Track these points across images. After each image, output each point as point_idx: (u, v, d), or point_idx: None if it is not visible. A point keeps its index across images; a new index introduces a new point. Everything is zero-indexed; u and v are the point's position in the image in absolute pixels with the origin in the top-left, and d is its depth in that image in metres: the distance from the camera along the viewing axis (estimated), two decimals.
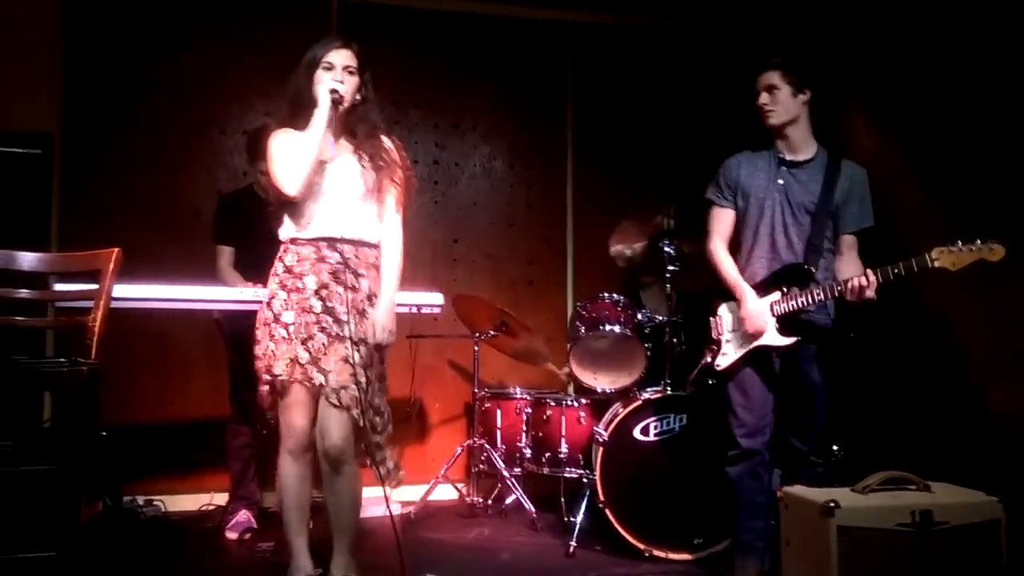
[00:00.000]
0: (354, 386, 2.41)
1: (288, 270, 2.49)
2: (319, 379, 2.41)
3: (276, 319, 2.46)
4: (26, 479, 2.26)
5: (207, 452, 3.84)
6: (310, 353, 2.41)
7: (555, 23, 4.66)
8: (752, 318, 2.78)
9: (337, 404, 2.40)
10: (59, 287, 2.86)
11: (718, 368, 2.88)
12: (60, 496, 2.28)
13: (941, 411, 3.44)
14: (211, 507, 3.85)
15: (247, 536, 3.45)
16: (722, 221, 2.95)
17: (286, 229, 2.54)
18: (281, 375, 2.42)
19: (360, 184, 2.53)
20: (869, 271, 2.57)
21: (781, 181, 2.82)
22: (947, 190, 3.34)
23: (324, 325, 2.43)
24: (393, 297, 2.57)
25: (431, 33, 4.49)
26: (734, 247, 2.94)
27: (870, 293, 2.56)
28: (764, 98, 2.82)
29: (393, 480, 2.61)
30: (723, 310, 2.92)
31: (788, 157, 2.84)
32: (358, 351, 2.44)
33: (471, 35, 4.54)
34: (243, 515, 3.49)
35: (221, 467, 3.68)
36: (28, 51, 3.97)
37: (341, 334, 2.43)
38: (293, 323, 2.44)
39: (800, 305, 2.72)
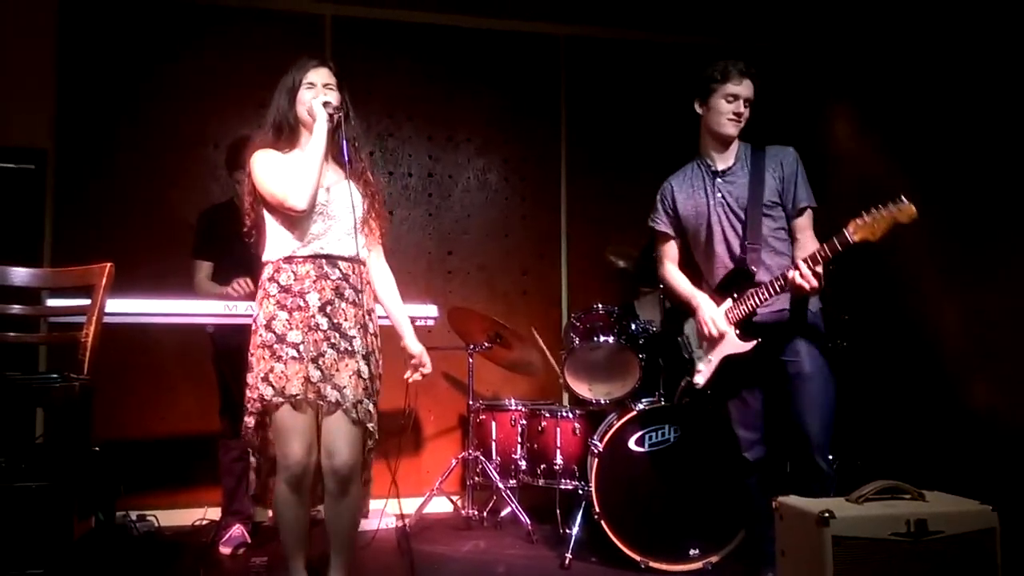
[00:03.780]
0: (367, 400, 2.43)
1: (285, 289, 2.44)
2: (333, 396, 2.38)
3: (281, 339, 2.39)
4: (18, 495, 2.25)
5: (200, 467, 3.82)
6: (321, 371, 2.39)
7: (548, 36, 4.70)
8: (707, 324, 2.77)
9: (356, 419, 2.40)
10: (52, 302, 2.86)
11: (697, 386, 2.86)
12: (52, 512, 2.27)
13: (935, 420, 3.45)
14: (205, 522, 3.83)
15: (241, 551, 3.42)
16: (670, 247, 2.99)
17: (278, 248, 2.49)
18: (297, 394, 2.38)
19: (359, 208, 2.53)
20: (800, 261, 2.56)
21: (719, 194, 2.82)
22: (933, 186, 3.35)
23: (333, 341, 2.41)
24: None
25: (425, 47, 4.51)
26: (694, 267, 2.95)
27: (809, 283, 2.52)
28: (742, 108, 2.76)
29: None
30: (688, 328, 2.93)
31: (720, 167, 2.84)
32: (368, 365, 2.45)
33: (465, 49, 4.57)
34: (237, 530, 3.48)
35: (214, 482, 3.66)
36: (21, 66, 3.98)
37: (350, 349, 2.43)
38: (302, 342, 2.39)
39: (751, 307, 2.71)
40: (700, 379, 2.85)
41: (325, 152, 2.43)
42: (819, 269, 2.55)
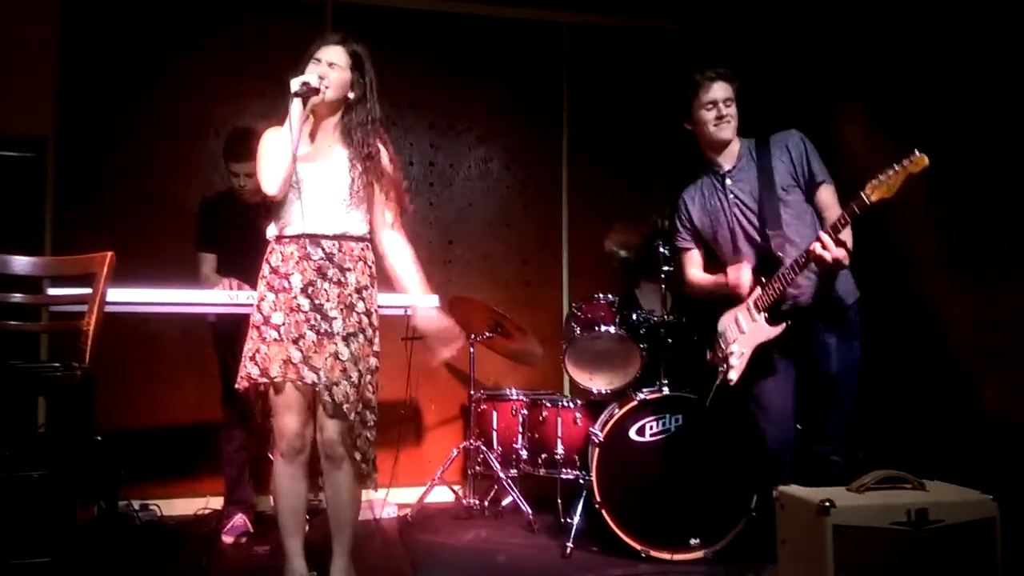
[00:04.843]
0: (345, 382, 2.42)
1: (274, 271, 2.48)
2: (311, 377, 2.40)
3: (266, 321, 2.45)
4: (21, 484, 2.26)
5: (203, 456, 3.83)
6: (302, 352, 2.41)
7: (550, 24, 4.67)
8: (738, 281, 2.78)
9: (330, 401, 2.40)
10: (53, 291, 2.85)
11: (732, 383, 2.85)
12: (55, 501, 2.28)
13: (936, 410, 3.45)
14: (207, 511, 3.83)
15: (243, 540, 3.44)
16: (693, 257, 3.02)
17: (272, 228, 2.54)
18: (276, 376, 2.41)
19: (346, 184, 2.50)
20: (821, 232, 2.56)
21: (732, 194, 2.84)
22: (941, 182, 3.34)
23: (313, 323, 2.42)
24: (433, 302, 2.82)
25: (426, 34, 4.49)
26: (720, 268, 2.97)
27: (831, 253, 2.51)
28: (723, 110, 2.78)
29: (369, 482, 2.58)
30: (721, 325, 2.92)
31: (726, 168, 2.86)
32: (348, 347, 2.44)
33: (466, 36, 4.54)
34: (239, 519, 3.49)
35: (217, 471, 3.67)
36: (23, 54, 3.97)
37: (330, 331, 2.43)
38: (283, 323, 2.43)
39: (777, 290, 2.71)
40: (734, 375, 2.83)
41: (295, 131, 2.37)
42: (843, 237, 2.54)
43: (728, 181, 2.85)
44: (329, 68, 2.47)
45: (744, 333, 2.81)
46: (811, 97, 4.16)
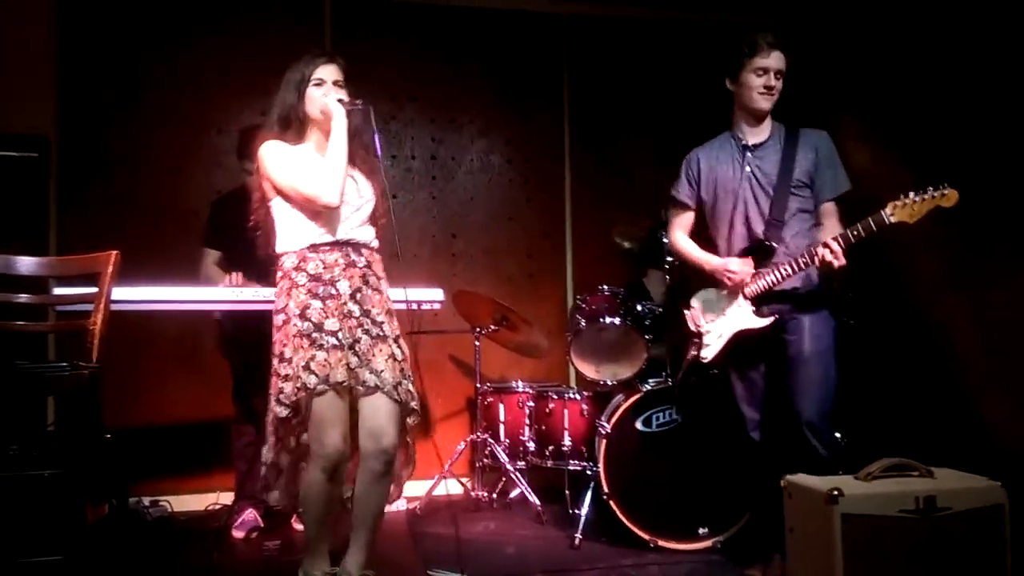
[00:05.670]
0: (406, 380, 2.48)
1: (315, 278, 2.44)
2: (372, 380, 2.42)
3: (319, 328, 2.39)
4: (32, 483, 2.27)
5: (212, 452, 3.84)
6: (358, 357, 2.42)
7: (550, 16, 4.65)
8: (726, 273, 2.74)
9: (398, 399, 2.44)
10: (58, 291, 2.86)
11: (704, 361, 2.83)
12: (66, 499, 2.29)
13: (943, 397, 3.45)
14: (217, 506, 3.86)
15: (254, 535, 3.45)
16: (685, 217, 2.96)
17: (299, 237, 2.48)
18: (344, 381, 2.38)
19: (370, 194, 2.58)
20: (830, 239, 2.54)
21: (748, 168, 2.77)
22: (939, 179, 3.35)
23: (366, 327, 2.45)
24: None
25: (426, 27, 4.48)
26: (707, 239, 2.92)
27: (837, 261, 2.51)
28: (772, 81, 2.71)
29: (409, 470, 2.68)
30: (696, 301, 2.89)
31: (751, 141, 2.79)
32: (401, 348, 2.51)
33: (467, 29, 4.53)
34: (249, 514, 3.50)
35: (227, 466, 3.68)
36: (22, 54, 3.96)
37: (382, 334, 2.47)
38: (339, 329, 2.40)
39: (770, 283, 2.69)
40: (708, 354, 2.82)
41: (346, 147, 2.45)
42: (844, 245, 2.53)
43: (749, 154, 2.78)
44: (337, 88, 2.51)
45: (724, 316, 2.79)
46: (812, 91, 4.13)
